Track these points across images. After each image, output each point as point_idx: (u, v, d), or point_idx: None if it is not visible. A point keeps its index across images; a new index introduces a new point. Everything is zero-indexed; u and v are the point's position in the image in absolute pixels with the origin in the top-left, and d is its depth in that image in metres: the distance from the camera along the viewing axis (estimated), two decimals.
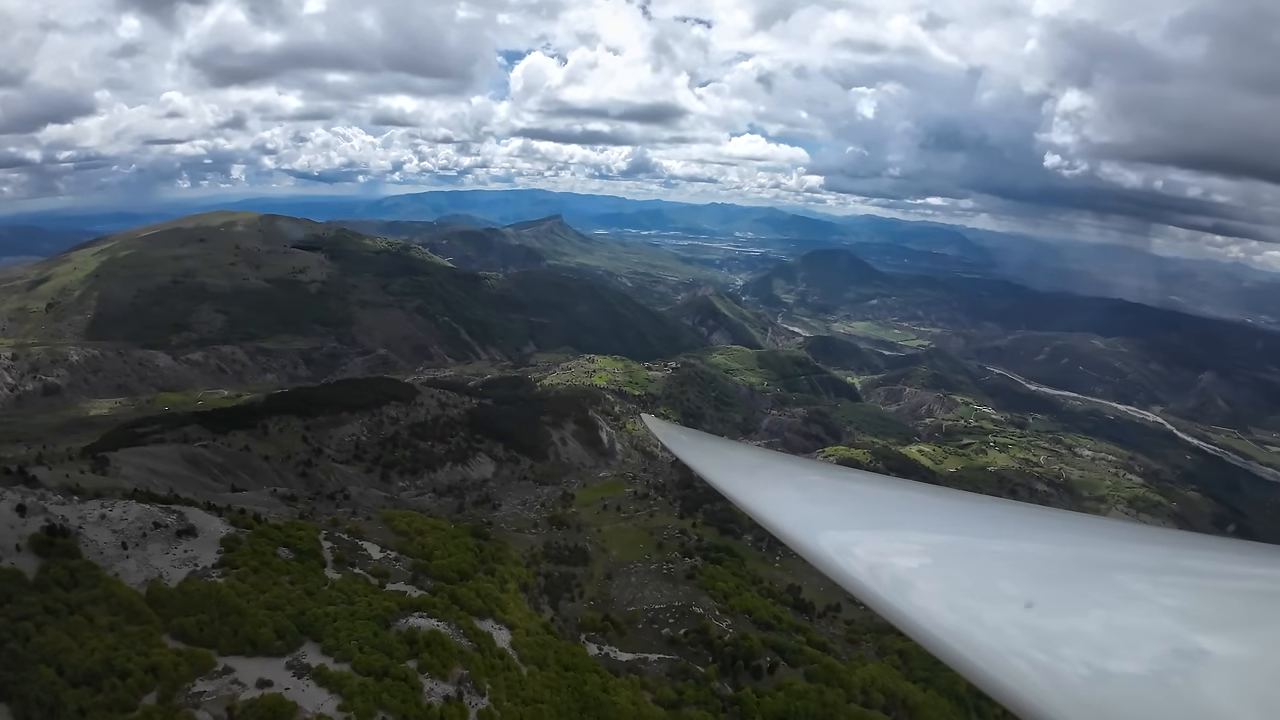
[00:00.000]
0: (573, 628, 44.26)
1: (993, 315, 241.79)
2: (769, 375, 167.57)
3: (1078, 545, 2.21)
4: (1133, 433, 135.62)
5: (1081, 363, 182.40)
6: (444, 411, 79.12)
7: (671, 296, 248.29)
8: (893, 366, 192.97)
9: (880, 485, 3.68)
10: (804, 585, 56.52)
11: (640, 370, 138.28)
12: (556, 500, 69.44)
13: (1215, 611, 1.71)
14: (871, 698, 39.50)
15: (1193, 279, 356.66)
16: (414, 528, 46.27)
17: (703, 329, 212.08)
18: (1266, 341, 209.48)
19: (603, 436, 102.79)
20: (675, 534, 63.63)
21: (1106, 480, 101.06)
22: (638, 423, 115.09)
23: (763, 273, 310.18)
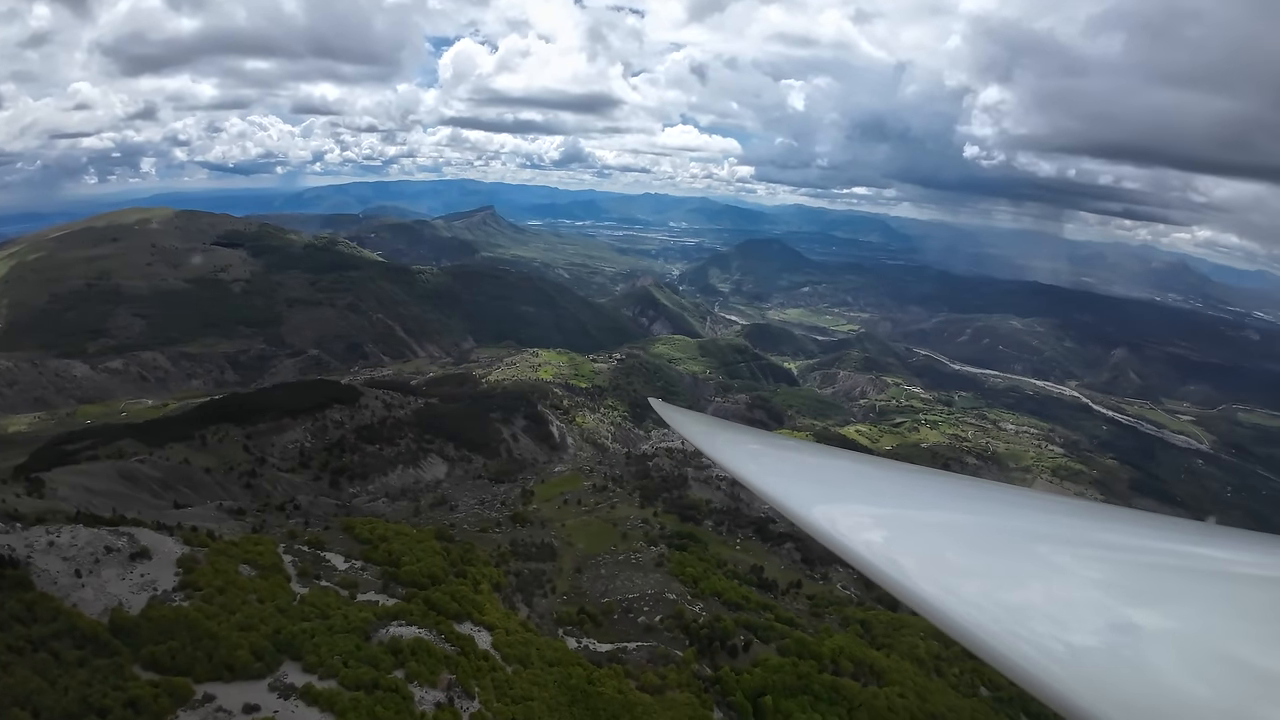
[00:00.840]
0: (550, 623, 44.02)
1: (917, 299, 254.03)
2: (711, 363, 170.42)
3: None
4: (1051, 406, 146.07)
5: (1001, 342, 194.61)
6: (390, 413, 76.42)
7: (610, 287, 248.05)
8: (826, 351, 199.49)
9: (861, 462, 3.98)
10: (765, 565, 58.23)
11: (585, 363, 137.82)
12: (515, 498, 68.58)
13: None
14: (841, 666, 41.12)
15: (1103, 261, 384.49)
16: (377, 535, 44.66)
17: (643, 319, 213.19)
18: (1173, 318, 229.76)
19: (554, 431, 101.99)
20: (638, 524, 64.07)
21: (1030, 452, 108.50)
22: (586, 416, 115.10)
23: (698, 262, 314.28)
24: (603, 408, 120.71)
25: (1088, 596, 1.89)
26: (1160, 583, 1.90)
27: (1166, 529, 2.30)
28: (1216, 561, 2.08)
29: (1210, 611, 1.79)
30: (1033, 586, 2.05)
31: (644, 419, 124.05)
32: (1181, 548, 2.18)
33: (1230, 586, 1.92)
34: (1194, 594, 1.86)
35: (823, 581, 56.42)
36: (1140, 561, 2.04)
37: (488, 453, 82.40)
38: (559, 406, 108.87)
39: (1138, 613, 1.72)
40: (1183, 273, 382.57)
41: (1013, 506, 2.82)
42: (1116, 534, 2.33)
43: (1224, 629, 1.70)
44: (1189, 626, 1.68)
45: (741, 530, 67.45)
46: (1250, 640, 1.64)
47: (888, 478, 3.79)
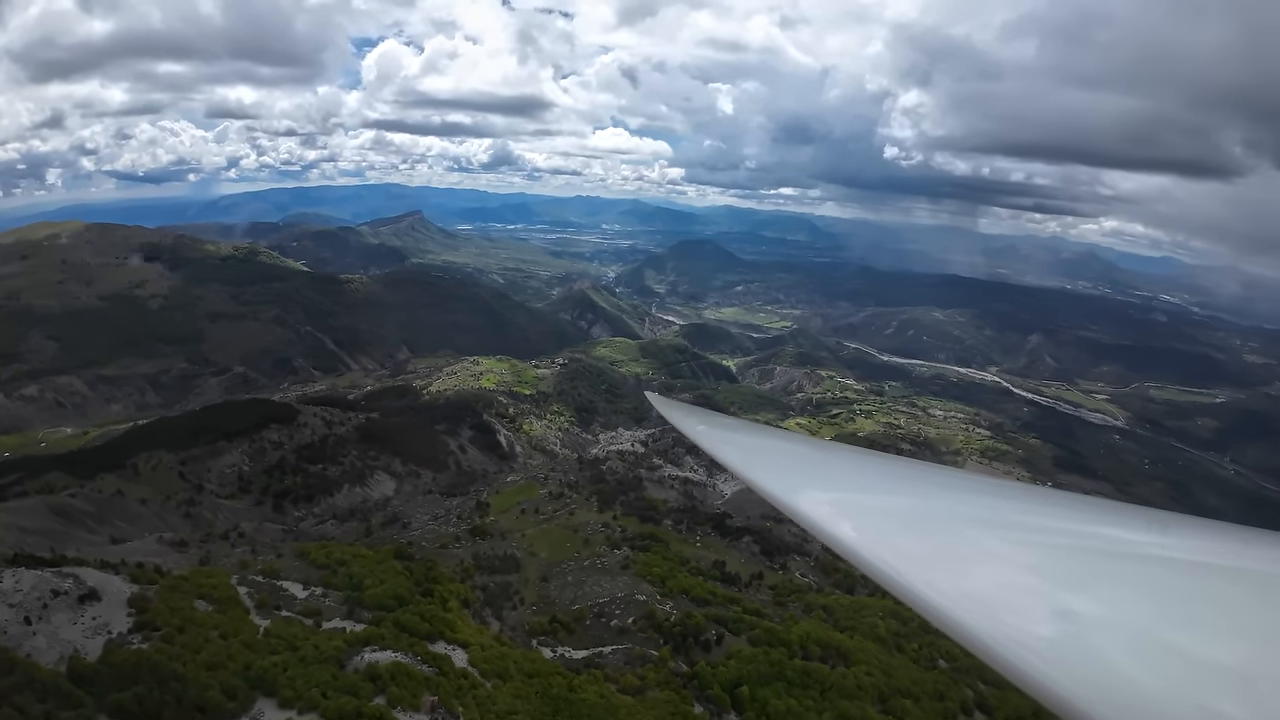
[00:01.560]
0: (523, 635, 43.55)
1: (845, 295, 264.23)
2: (652, 364, 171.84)
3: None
4: (975, 392, 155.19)
5: (925, 333, 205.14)
6: (331, 430, 73.24)
7: (546, 291, 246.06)
8: (762, 348, 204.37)
9: (847, 454, 4.22)
10: (727, 560, 59.36)
11: (528, 369, 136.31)
12: (471, 510, 67.19)
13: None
14: (809, 651, 42.57)
15: (1016, 253, 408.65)
16: (334, 559, 42.96)
17: (582, 323, 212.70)
18: (1084, 304, 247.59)
19: (502, 440, 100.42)
20: (599, 528, 64.02)
21: (959, 435, 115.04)
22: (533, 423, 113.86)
23: (633, 264, 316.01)
24: (549, 414, 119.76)
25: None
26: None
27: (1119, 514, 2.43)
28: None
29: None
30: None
31: (591, 423, 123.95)
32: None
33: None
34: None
35: (782, 571, 58.08)
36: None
37: (436, 466, 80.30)
38: (505, 415, 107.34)
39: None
40: (1091, 261, 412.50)
41: (1003, 498, 2.93)
42: (1093, 522, 2.42)
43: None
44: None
45: (700, 527, 68.48)
46: (1177, 625, 1.71)
47: (878, 469, 3.92)
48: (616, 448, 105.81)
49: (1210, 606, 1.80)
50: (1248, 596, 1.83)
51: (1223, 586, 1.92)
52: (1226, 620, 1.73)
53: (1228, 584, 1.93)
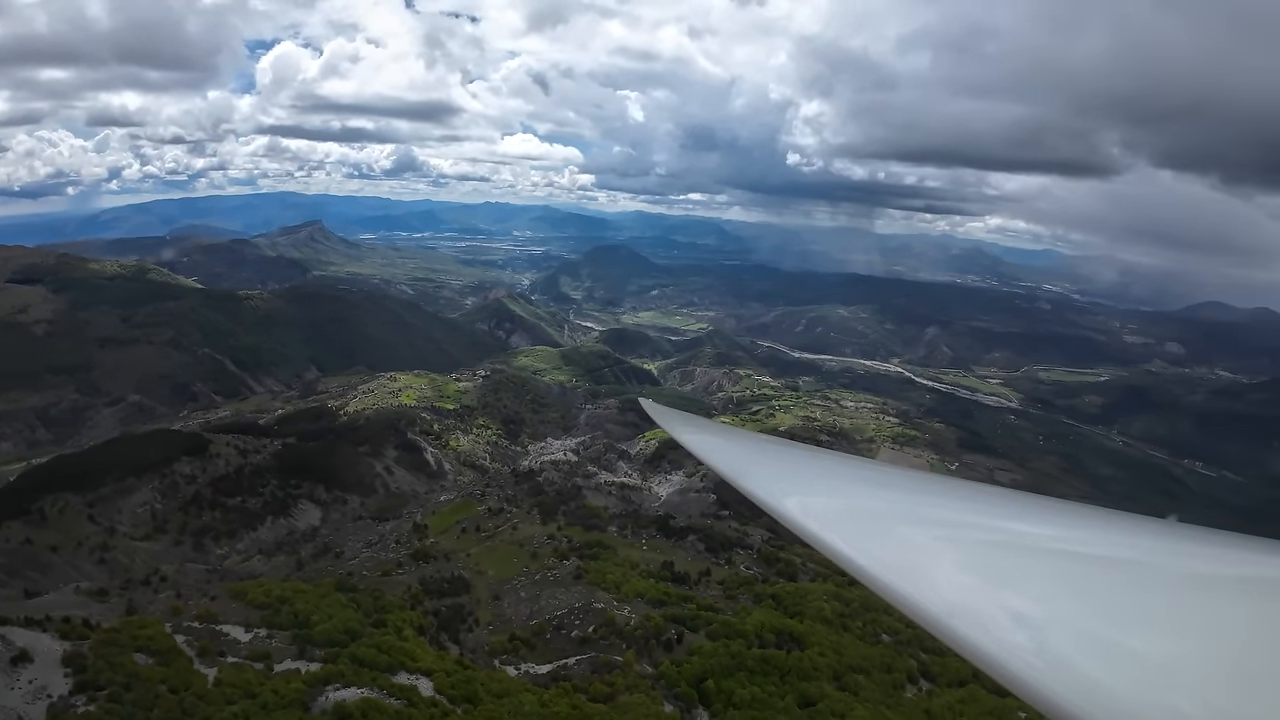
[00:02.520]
0: (484, 656, 42.84)
1: (755, 296, 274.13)
2: (575, 371, 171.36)
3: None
4: (881, 383, 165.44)
5: (832, 330, 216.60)
6: (246, 460, 68.39)
7: (459, 301, 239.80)
8: (681, 350, 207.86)
9: (828, 459, 4.27)
10: (674, 560, 60.66)
11: (449, 383, 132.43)
12: (408, 534, 64.93)
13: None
14: (765, 639, 44.46)
15: (909, 251, 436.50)
16: (273, 597, 40.57)
17: (500, 332, 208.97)
18: (974, 296, 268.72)
19: (429, 459, 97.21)
20: (545, 541, 63.67)
21: (871, 425, 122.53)
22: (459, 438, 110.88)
23: (548, 271, 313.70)
24: (475, 428, 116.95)
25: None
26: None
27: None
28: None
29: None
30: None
31: (519, 434, 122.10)
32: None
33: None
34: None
35: (728, 566, 59.99)
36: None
37: (363, 491, 76.82)
38: (430, 432, 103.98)
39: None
40: (979, 256, 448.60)
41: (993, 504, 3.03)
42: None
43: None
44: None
45: (644, 530, 69.47)
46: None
47: (857, 473, 4.00)
48: (549, 458, 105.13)
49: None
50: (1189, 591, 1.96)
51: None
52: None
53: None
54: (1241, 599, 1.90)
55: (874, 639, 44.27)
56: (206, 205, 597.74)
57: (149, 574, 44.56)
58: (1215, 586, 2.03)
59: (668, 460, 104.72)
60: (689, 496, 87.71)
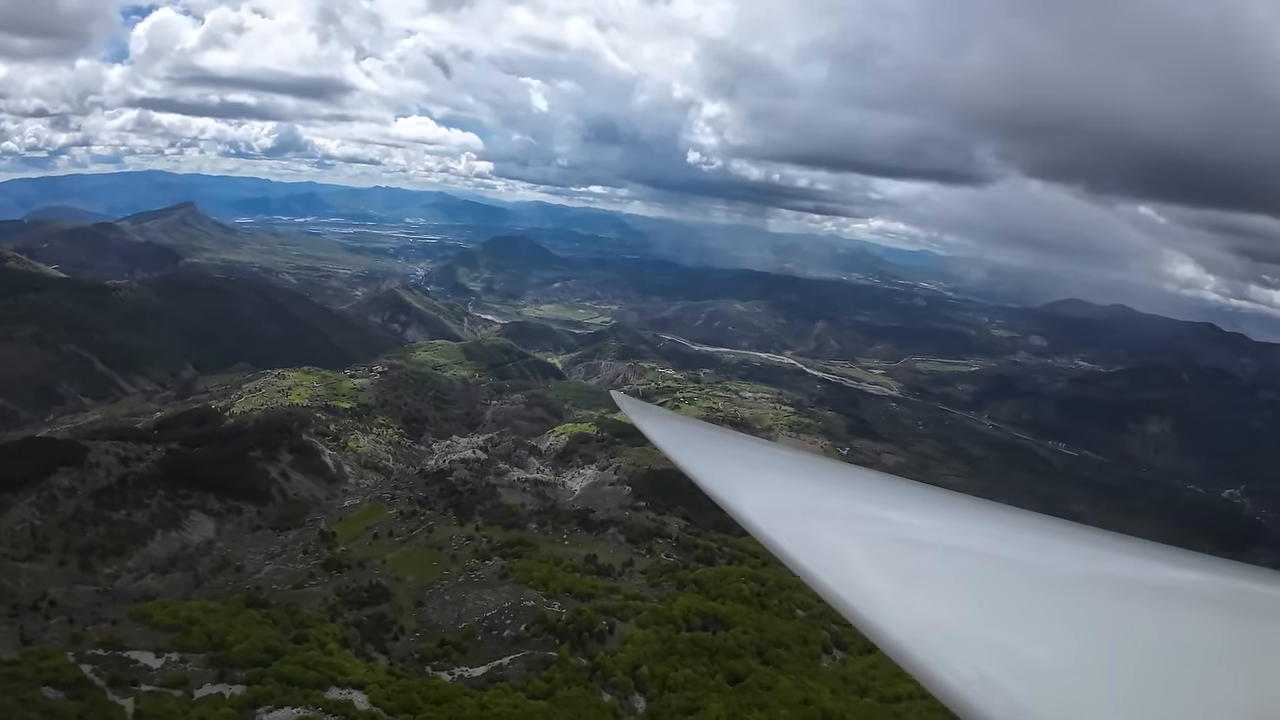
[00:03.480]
0: (414, 664, 42.06)
1: (656, 290, 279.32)
2: (478, 366, 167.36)
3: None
4: (775, 374, 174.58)
5: (729, 324, 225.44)
6: (129, 469, 61.74)
7: (348, 292, 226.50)
8: (584, 344, 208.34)
9: (804, 463, 4.36)
10: (597, 553, 61.90)
11: (343, 380, 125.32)
12: (315, 543, 61.63)
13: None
14: (692, 622, 46.83)
15: (799, 249, 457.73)
16: (181, 618, 37.72)
17: (395, 325, 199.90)
18: (858, 293, 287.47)
19: (328, 461, 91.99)
20: (464, 542, 62.78)
21: (769, 414, 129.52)
22: (358, 439, 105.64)
23: (444, 261, 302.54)
24: (375, 427, 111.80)
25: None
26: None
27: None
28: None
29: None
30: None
31: (422, 433, 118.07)
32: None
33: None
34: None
35: (650, 555, 61.99)
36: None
37: (258, 499, 71.74)
38: (326, 433, 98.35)
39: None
40: (862, 256, 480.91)
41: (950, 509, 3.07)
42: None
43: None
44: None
45: (565, 525, 70.13)
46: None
47: (818, 472, 4.10)
48: (457, 456, 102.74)
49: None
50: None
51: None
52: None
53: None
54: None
55: (790, 615, 47.82)
56: (68, 185, 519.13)
57: (36, 599, 39.60)
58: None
59: (579, 455, 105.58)
60: (604, 490, 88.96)
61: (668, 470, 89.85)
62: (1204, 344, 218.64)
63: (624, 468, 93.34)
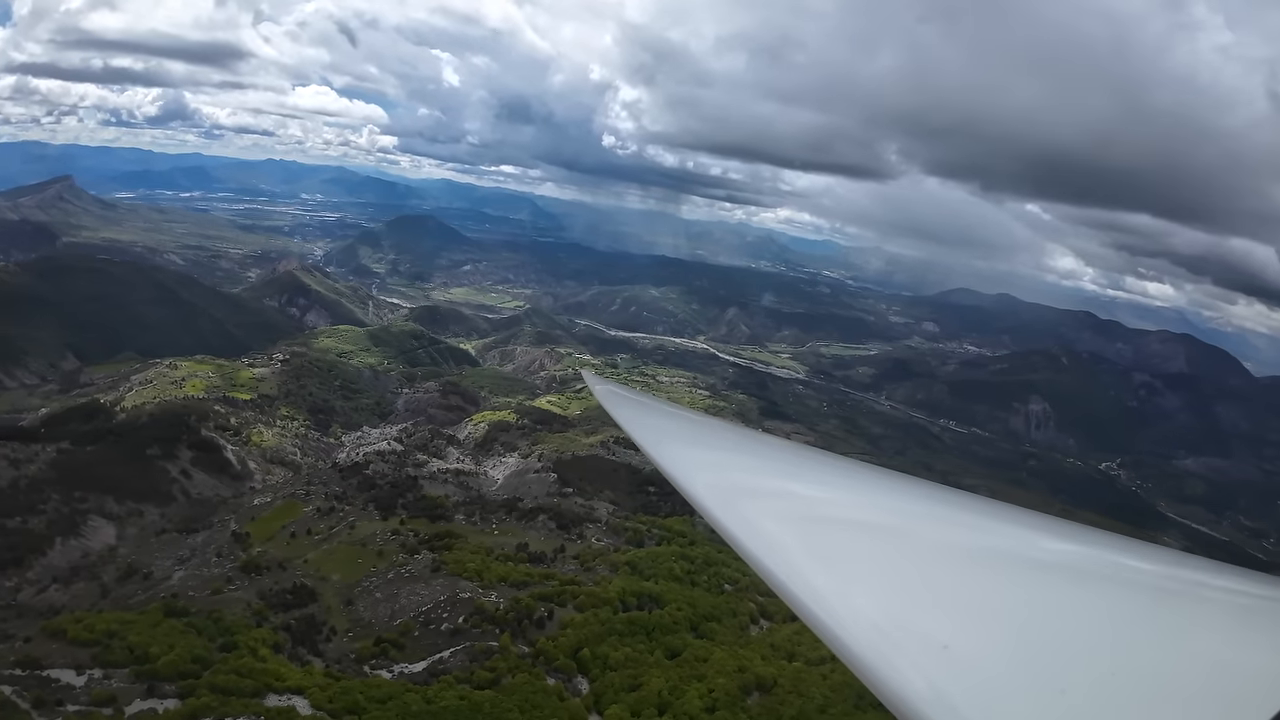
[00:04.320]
0: (351, 664, 41.57)
1: (571, 274, 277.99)
2: (387, 353, 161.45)
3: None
4: (690, 358, 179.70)
5: (645, 309, 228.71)
6: (19, 471, 55.78)
7: (240, 274, 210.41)
8: (498, 329, 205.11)
9: (767, 445, 4.51)
10: (529, 541, 62.64)
11: (240, 369, 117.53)
12: (228, 545, 58.55)
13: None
14: (628, 602, 48.95)
15: (710, 236, 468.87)
16: (99, 631, 35.54)
17: (293, 310, 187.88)
18: (766, 280, 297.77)
19: (231, 457, 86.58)
20: (389, 537, 61.74)
21: (685, 397, 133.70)
22: (262, 432, 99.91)
23: (345, 240, 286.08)
24: (278, 420, 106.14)
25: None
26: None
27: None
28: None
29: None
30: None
31: (330, 425, 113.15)
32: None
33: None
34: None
35: (580, 541, 63.46)
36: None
37: (159, 500, 66.93)
38: (227, 427, 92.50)
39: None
40: (769, 244, 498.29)
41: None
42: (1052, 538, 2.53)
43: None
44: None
45: (493, 515, 70.16)
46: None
47: (779, 454, 4.12)
48: (371, 448, 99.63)
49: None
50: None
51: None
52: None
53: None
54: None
55: (718, 589, 51.04)
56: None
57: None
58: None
59: (500, 443, 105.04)
60: (528, 478, 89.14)
61: (592, 456, 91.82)
62: (1082, 330, 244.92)
63: (547, 454, 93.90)
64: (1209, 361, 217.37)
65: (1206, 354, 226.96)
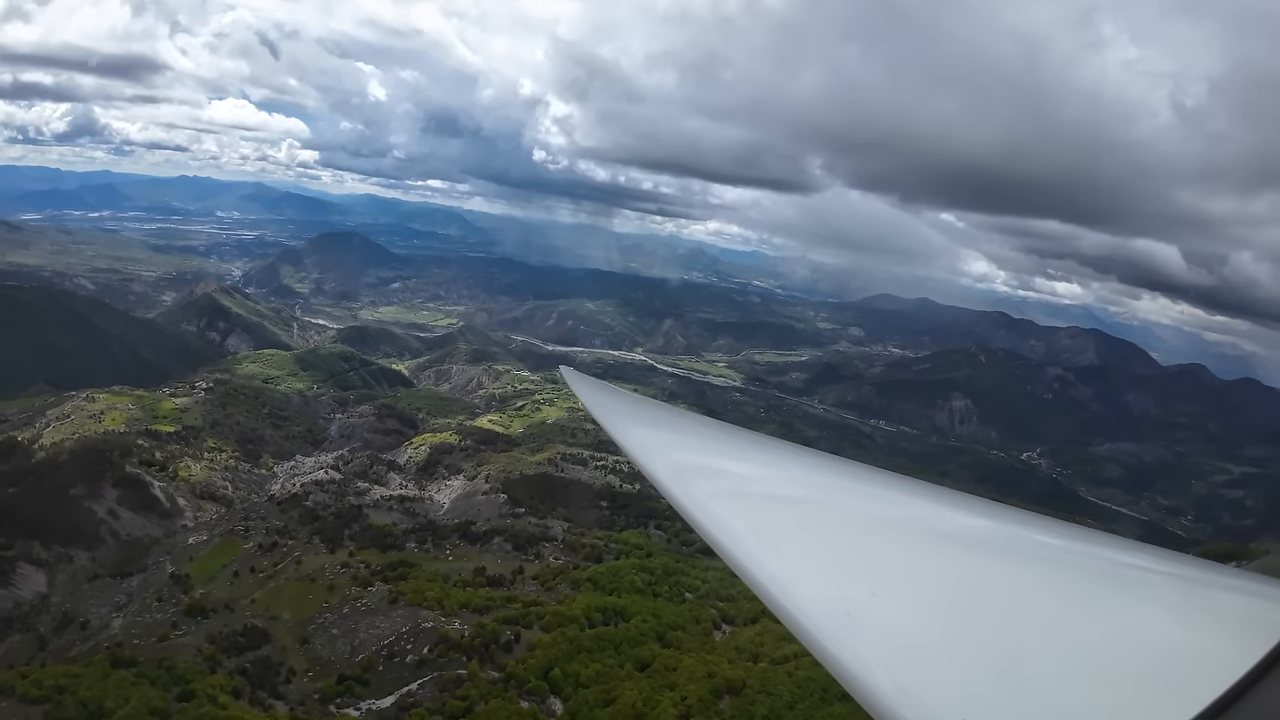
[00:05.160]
0: (316, 705, 40.80)
1: (504, 289, 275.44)
2: (316, 377, 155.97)
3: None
4: (629, 371, 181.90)
5: (581, 323, 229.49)
6: None
7: (155, 298, 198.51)
8: (432, 348, 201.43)
9: (736, 436, 4.59)
10: (486, 564, 62.53)
11: (161, 400, 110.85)
12: (167, 588, 55.73)
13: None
14: (593, 619, 49.89)
15: (642, 249, 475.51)
16: (47, 687, 33.78)
17: (213, 334, 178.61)
18: (699, 291, 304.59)
19: (159, 494, 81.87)
20: (339, 570, 60.24)
21: None
22: (190, 466, 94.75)
23: (264, 260, 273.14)
24: (206, 452, 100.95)
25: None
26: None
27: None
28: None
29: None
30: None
31: (260, 455, 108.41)
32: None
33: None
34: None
35: (538, 560, 63.83)
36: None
37: (88, 543, 62.90)
38: (152, 462, 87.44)
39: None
40: (700, 255, 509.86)
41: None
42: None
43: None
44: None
45: (446, 540, 69.40)
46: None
47: (761, 453, 4.21)
48: (308, 478, 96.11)
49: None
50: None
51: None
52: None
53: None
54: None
55: (680, 599, 52.83)
56: None
57: None
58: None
59: (444, 466, 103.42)
60: (476, 500, 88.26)
61: (541, 474, 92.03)
62: (997, 329, 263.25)
63: (494, 475, 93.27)
64: (1117, 353, 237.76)
65: (1115, 346, 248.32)
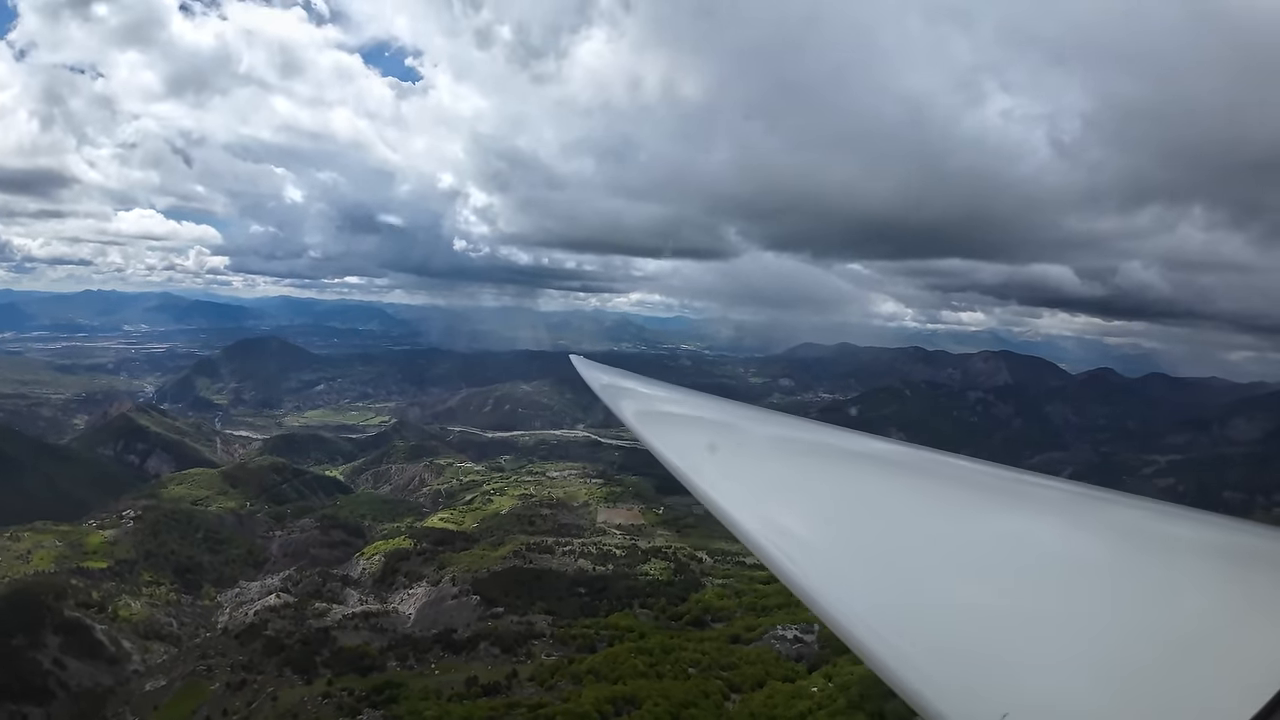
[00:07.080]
0: None
1: (435, 380, 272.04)
2: (247, 493, 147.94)
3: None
4: (573, 449, 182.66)
5: (519, 406, 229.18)
6: None
7: (66, 421, 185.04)
8: (365, 449, 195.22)
9: (751, 419, 4.47)
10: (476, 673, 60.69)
11: (89, 534, 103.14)
12: None
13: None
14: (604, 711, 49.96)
15: (569, 326, 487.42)
16: None
17: (131, 457, 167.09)
18: (629, 360, 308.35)
19: (103, 638, 75.62)
20: (320, 702, 57.93)
21: (581, 490, 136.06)
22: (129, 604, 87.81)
23: (178, 373, 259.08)
24: (143, 587, 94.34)
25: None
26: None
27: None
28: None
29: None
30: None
31: (201, 584, 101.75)
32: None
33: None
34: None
35: (530, 660, 62.57)
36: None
37: (37, 698, 57.78)
38: (89, 603, 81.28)
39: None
40: (626, 326, 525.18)
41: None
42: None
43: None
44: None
45: (428, 653, 67.52)
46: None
47: (785, 435, 4.15)
48: (259, 604, 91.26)
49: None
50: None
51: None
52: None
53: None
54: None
55: (684, 675, 54.30)
56: None
57: None
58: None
59: (402, 574, 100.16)
60: (446, 606, 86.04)
61: (510, 568, 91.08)
62: (915, 363, 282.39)
63: (460, 576, 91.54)
64: (1028, 369, 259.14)
65: (1025, 364, 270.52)
